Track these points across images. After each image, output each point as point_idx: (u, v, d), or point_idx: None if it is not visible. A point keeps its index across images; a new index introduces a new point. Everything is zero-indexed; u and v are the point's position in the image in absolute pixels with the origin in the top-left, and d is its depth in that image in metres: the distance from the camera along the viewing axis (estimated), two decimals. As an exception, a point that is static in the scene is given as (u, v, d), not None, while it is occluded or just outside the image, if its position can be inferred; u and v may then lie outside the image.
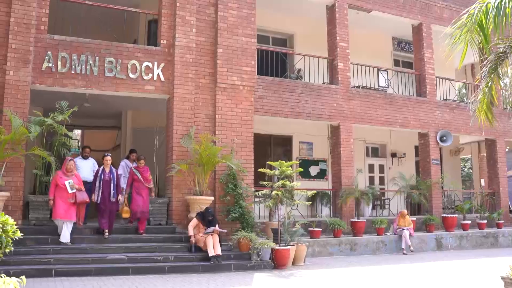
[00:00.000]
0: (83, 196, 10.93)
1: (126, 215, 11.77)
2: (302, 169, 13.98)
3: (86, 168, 12.40)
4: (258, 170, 12.92)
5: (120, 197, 11.46)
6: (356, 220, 15.14)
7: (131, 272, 9.94)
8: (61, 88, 12.20)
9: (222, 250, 11.11)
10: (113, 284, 9.01)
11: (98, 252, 10.66)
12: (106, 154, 11.82)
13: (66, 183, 10.73)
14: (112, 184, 11.33)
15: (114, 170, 11.64)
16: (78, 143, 24.14)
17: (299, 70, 17.25)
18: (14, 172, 11.28)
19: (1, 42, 11.67)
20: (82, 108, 15.14)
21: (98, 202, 11.18)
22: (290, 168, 12.26)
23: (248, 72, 13.71)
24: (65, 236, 10.63)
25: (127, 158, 13.39)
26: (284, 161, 12.28)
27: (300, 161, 18.39)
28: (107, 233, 11.14)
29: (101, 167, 11.52)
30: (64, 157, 11.86)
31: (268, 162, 12.56)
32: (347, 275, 10.90)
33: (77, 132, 24.41)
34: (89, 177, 11.98)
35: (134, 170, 11.98)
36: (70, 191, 10.67)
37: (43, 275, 9.45)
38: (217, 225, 11.38)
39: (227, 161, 12.28)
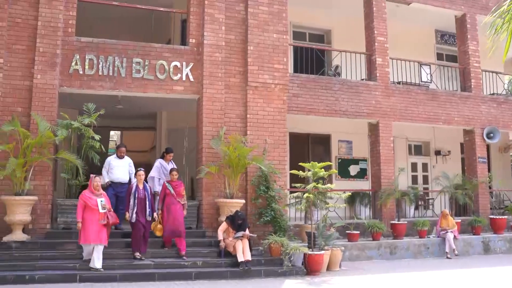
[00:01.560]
0: (113, 217, 10.12)
1: (159, 233, 10.81)
2: (336, 171, 13.42)
3: (122, 168, 11.81)
4: (290, 172, 12.43)
5: (155, 215, 10.69)
6: (397, 222, 14.45)
7: (157, 278, 9.66)
8: (89, 91, 12.06)
9: (252, 255, 10.71)
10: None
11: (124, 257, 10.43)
12: (139, 169, 10.87)
13: (99, 201, 9.82)
14: (147, 202, 10.52)
15: (148, 186, 10.90)
16: (115, 145, 24.26)
17: (336, 67, 16.66)
18: (42, 176, 11.21)
19: (29, 45, 11.63)
20: (119, 109, 15.13)
21: (133, 221, 10.31)
22: (322, 169, 11.72)
23: (280, 70, 13.24)
24: (98, 261, 9.63)
25: (162, 157, 12.54)
26: (316, 162, 11.76)
27: (340, 160, 17.83)
28: (138, 254, 10.30)
29: (134, 183, 10.66)
30: (92, 161, 11.73)
31: (300, 164, 12.05)
32: (385, 282, 10.31)
33: (113, 133, 24.57)
34: (125, 178, 11.70)
35: (167, 184, 11.07)
36: (101, 210, 9.78)
37: (67, 280, 9.28)
38: (247, 229, 10.98)
39: (257, 162, 11.86)
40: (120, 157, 11.92)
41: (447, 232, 14.19)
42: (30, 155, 10.72)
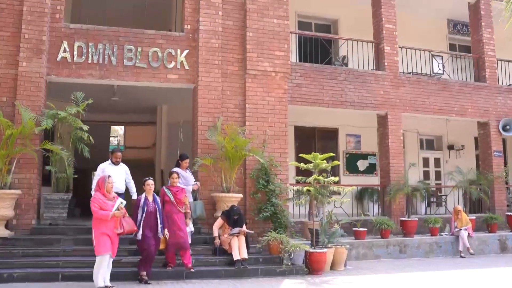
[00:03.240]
0: (130, 224, 8.46)
1: (162, 245, 9.37)
2: (339, 163, 12.57)
3: (118, 176, 10.02)
4: (290, 164, 11.68)
5: (166, 232, 9.08)
6: (407, 219, 13.64)
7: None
8: (78, 80, 11.47)
9: (250, 253, 10.03)
10: None
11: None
12: (148, 178, 9.30)
13: (119, 202, 8.22)
14: (158, 216, 9.00)
15: (158, 198, 9.29)
16: (118, 141, 23.70)
17: (344, 57, 15.91)
18: (27, 169, 10.62)
19: (14, 32, 11.09)
20: (118, 103, 14.54)
21: (139, 238, 8.76)
22: (324, 161, 10.96)
23: (281, 57, 12.51)
24: (106, 277, 8.18)
25: (178, 166, 10.93)
26: (318, 154, 11.00)
27: (348, 155, 17.07)
28: (145, 276, 8.84)
29: (143, 195, 9.07)
30: (81, 152, 11.06)
31: (301, 155, 11.29)
32: (392, 283, 9.53)
33: (119, 131, 24.05)
34: (121, 188, 10.07)
35: (166, 190, 9.67)
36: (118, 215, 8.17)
37: (48, 279, 8.67)
38: (244, 225, 10.25)
39: (255, 154, 11.13)
40: (116, 163, 10.20)
41: (461, 229, 13.36)
42: (13, 146, 10.09)
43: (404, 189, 13.71)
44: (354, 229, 12.78)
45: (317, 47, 14.87)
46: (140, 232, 8.71)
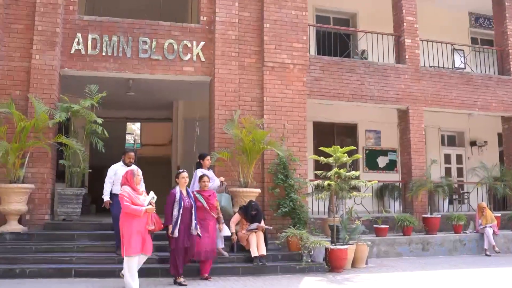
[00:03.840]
0: (158, 221, 7.78)
1: None
2: (360, 156, 12.13)
3: None
4: (310, 157, 11.33)
5: (199, 229, 8.45)
6: (429, 216, 13.21)
7: (161, 275, 8.69)
8: (92, 72, 11.26)
9: (268, 250, 9.67)
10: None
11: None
12: (182, 170, 8.74)
13: (151, 197, 7.59)
14: (193, 212, 8.38)
15: (191, 192, 8.73)
16: (134, 138, 23.49)
17: (363, 52, 15.53)
18: (40, 163, 10.43)
19: (28, 25, 10.94)
20: (134, 99, 14.31)
21: (175, 236, 8.09)
22: (345, 155, 10.60)
23: (299, 49, 12.18)
24: (136, 282, 7.49)
25: (200, 166, 10.17)
26: (339, 147, 10.64)
27: (367, 151, 16.68)
28: (184, 280, 8.23)
29: (177, 189, 8.39)
30: (96, 147, 10.83)
31: (321, 148, 10.93)
32: (416, 281, 9.13)
33: (134, 128, 23.87)
34: None
35: (197, 195, 8.87)
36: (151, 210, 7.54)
37: (61, 275, 8.45)
38: (262, 221, 9.90)
39: (273, 147, 10.79)
40: (129, 164, 9.35)
41: (486, 227, 12.90)
42: (26, 139, 9.88)
43: (426, 185, 13.29)
44: (375, 226, 12.40)
45: (335, 41, 14.50)
46: (177, 229, 8.06)
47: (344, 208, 11.47)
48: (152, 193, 7.65)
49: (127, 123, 21.91)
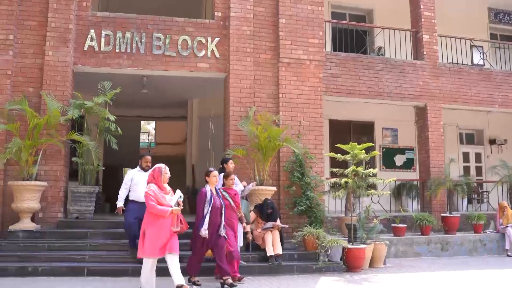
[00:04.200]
0: (184, 222, 7.26)
1: (210, 253, 8.23)
2: (378, 153, 11.78)
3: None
4: (326, 155, 11.10)
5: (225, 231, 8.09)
6: (448, 215, 12.92)
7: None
8: (105, 69, 11.15)
9: (284, 249, 9.47)
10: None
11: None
12: (212, 168, 8.40)
13: (177, 196, 7.20)
14: (223, 212, 8.09)
15: (219, 191, 8.40)
16: (148, 137, 23.38)
17: (379, 48, 15.23)
18: (53, 161, 10.31)
19: (41, 21, 10.84)
20: (148, 97, 14.19)
21: (205, 236, 7.76)
22: (363, 151, 10.36)
23: (315, 44, 11.95)
24: (179, 276, 7.00)
25: (223, 171, 9.27)
26: (356, 143, 10.40)
27: (384, 149, 16.39)
28: (198, 280, 8.04)
29: (207, 188, 8.07)
30: (109, 144, 10.70)
31: (338, 145, 10.70)
32: (438, 282, 8.87)
33: (148, 127, 23.77)
34: None
35: (224, 193, 8.50)
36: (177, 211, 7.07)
37: (74, 273, 8.34)
38: (278, 220, 9.70)
39: (290, 144, 10.57)
40: (146, 168, 8.83)
41: (507, 226, 12.58)
42: (39, 137, 9.77)
43: (445, 183, 13.00)
44: (393, 225, 12.16)
45: (351, 38, 14.22)
46: (205, 227, 7.71)
47: (361, 207, 11.25)
48: (179, 192, 7.27)
49: (142, 122, 21.80)
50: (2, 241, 9.33)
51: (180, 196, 7.21)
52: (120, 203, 8.80)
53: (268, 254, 9.11)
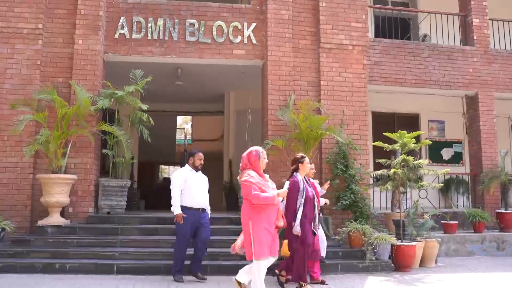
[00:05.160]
0: (283, 216, 6.46)
1: (287, 252, 7.18)
2: (429, 142, 10.91)
3: (202, 186, 7.72)
4: (373, 144, 10.33)
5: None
6: (504, 211, 11.98)
7: (209, 272, 7.90)
8: (137, 57, 10.68)
9: (328, 246, 8.74)
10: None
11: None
12: (304, 156, 7.30)
13: (286, 187, 6.36)
14: (315, 204, 7.10)
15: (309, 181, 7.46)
16: (185, 133, 22.96)
17: (425, 36, 14.34)
18: (83, 153, 9.85)
19: (71, 9, 10.48)
20: (183, 90, 13.70)
21: (299, 232, 6.73)
22: (413, 140, 9.57)
23: (358, 29, 11.21)
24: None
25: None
26: (405, 132, 9.62)
27: (430, 143, 15.46)
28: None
29: (299, 177, 7.04)
30: (141, 135, 10.20)
31: (385, 134, 9.93)
32: (497, 283, 8.03)
33: (186, 126, 23.37)
34: (206, 202, 7.72)
35: (307, 184, 7.34)
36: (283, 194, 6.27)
37: (102, 271, 7.84)
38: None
39: (333, 133, 9.86)
40: (199, 167, 7.81)
41: None
42: (68, 128, 9.32)
43: (500, 177, 12.05)
44: (443, 222, 11.29)
45: (395, 25, 13.38)
46: (298, 222, 6.71)
47: (408, 202, 10.46)
48: (288, 183, 6.49)
49: (177, 118, 21.40)
50: (30, 236, 8.94)
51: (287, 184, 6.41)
52: (177, 209, 7.35)
53: (310, 252, 8.41)
